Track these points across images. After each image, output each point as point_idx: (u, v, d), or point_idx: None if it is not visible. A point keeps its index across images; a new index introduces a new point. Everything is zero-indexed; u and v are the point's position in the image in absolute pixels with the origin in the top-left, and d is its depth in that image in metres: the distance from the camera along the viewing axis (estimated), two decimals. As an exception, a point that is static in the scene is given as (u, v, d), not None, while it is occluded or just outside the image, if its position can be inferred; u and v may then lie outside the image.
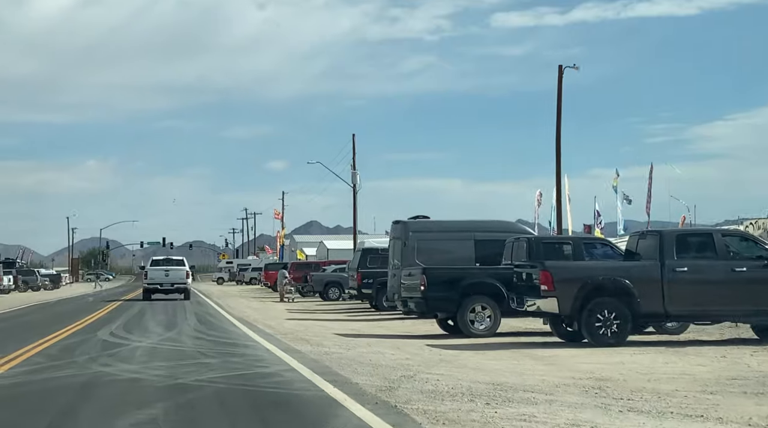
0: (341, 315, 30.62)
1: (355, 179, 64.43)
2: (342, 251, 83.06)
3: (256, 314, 30.74)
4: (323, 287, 41.99)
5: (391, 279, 28.47)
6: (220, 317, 29.35)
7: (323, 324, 25.52)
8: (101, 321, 26.73)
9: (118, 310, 34.50)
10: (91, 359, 15.29)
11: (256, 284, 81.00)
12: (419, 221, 28.11)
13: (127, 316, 29.56)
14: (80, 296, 54.67)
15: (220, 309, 34.55)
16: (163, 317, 28.86)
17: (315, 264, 49.76)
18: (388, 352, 16.53)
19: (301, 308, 36.60)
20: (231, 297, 48.95)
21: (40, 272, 76.65)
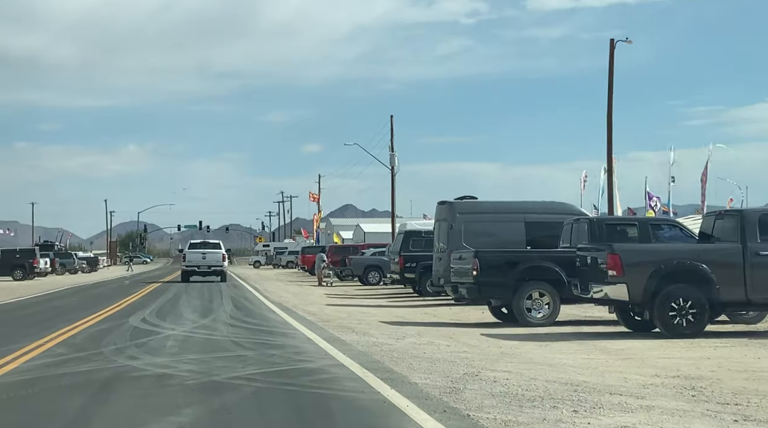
0: (383, 301, 29.04)
1: (393, 160, 62.73)
2: (379, 235, 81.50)
3: (294, 299, 29.25)
4: (363, 271, 40.42)
5: (436, 263, 26.84)
6: (257, 302, 27.89)
7: (366, 311, 23.94)
8: (134, 306, 25.36)
9: (153, 294, 33.18)
10: (117, 350, 13.80)
11: (293, 267, 79.70)
12: (466, 201, 26.41)
13: (162, 301, 28.18)
14: (116, 279, 53.62)
15: (257, 294, 33.11)
16: (198, 302, 27.45)
17: (353, 247, 48.19)
18: (442, 343, 14.90)
19: (340, 292, 35.08)
20: (268, 281, 47.58)
21: (78, 255, 75.83)
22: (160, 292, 34.54)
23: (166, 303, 26.73)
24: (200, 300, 28.27)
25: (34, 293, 36.08)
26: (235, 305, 25.55)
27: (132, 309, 23.78)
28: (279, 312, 22.78)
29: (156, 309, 23.67)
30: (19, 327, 18.92)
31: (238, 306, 25.12)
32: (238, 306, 25.14)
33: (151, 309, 23.62)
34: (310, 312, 22.91)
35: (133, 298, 30.14)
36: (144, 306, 25.00)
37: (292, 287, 39.69)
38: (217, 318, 20.42)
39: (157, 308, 24.03)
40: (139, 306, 25.12)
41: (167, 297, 30.37)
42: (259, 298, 30.08)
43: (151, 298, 29.94)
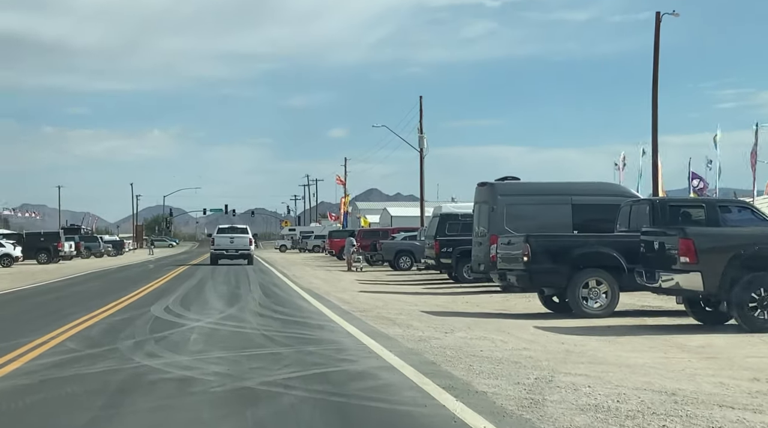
0: (418, 287, 27.41)
1: (422, 142, 61.04)
2: (405, 219, 79.77)
3: (325, 286, 27.68)
4: (394, 256, 38.80)
5: (476, 248, 25.17)
6: (287, 288, 26.33)
7: (402, 298, 22.31)
8: (157, 293, 23.87)
9: (177, 279, 31.73)
10: (135, 345, 12.24)
11: (319, 251, 78.25)
12: (509, 183, 24.70)
13: (187, 287, 26.69)
14: (141, 263, 52.34)
15: (286, 279, 31.58)
16: (225, 288, 25.93)
17: (382, 231, 46.55)
18: (496, 338, 13.24)
19: (371, 278, 33.47)
20: (295, 266, 46.08)
21: (103, 239, 74.75)
22: (185, 277, 33.09)
23: (191, 290, 25.23)
24: (227, 286, 26.76)
25: (56, 278, 34.76)
26: (263, 292, 24.00)
27: (155, 296, 22.28)
28: (311, 300, 21.21)
29: (180, 296, 22.16)
30: (32, 317, 17.41)
31: (267, 293, 23.57)
32: (267, 293, 23.58)
33: (175, 296, 22.11)
34: (344, 300, 21.31)
35: (156, 283, 28.68)
36: (168, 293, 23.50)
37: (321, 273, 38.15)
38: (246, 307, 18.86)
39: (182, 296, 22.52)
40: (162, 293, 23.62)
41: (192, 283, 28.89)
42: (288, 284, 28.53)
43: (175, 283, 28.47)
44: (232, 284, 28.21)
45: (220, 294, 23.11)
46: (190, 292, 24.09)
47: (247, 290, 24.79)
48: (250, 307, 18.83)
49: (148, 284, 28.29)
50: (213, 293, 23.35)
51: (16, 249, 50.95)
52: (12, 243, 51.74)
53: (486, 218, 24.28)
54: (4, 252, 50.06)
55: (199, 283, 28.76)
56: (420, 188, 61.39)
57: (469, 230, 29.07)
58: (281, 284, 28.26)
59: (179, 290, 24.97)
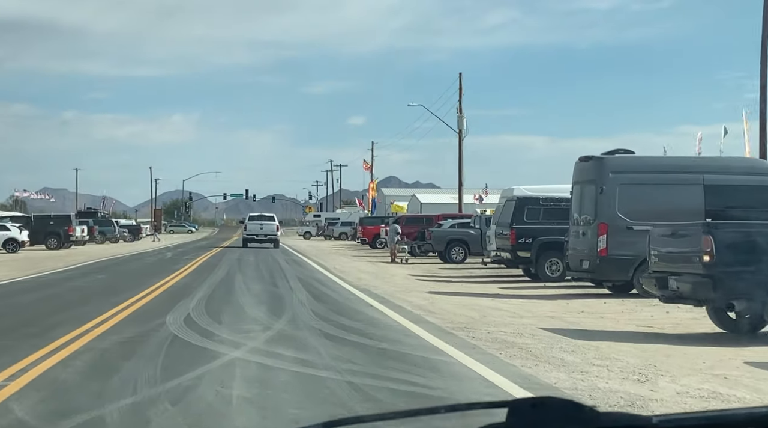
0: (493, 287, 21.83)
1: (462, 123, 55.26)
2: (436, 206, 74.12)
3: (381, 283, 22.12)
4: (445, 247, 33.23)
5: (574, 240, 19.55)
6: (336, 286, 20.80)
7: (492, 304, 16.77)
8: (175, 292, 18.38)
9: (199, 271, 26.27)
10: (131, 412, 6.73)
11: (346, 239, 72.80)
12: (622, 156, 19.06)
13: (212, 283, 21.21)
14: (158, 250, 46.94)
15: (328, 273, 26.05)
16: (259, 285, 20.42)
17: (426, 218, 40.99)
18: (736, 394, 7.70)
19: (423, 272, 27.93)
20: (330, 256, 40.51)
21: (119, 223, 69.36)
22: (208, 269, 27.64)
23: (217, 287, 19.74)
24: (261, 283, 21.27)
25: (60, 267, 29.36)
26: (310, 292, 18.50)
27: (172, 297, 16.79)
28: (379, 307, 15.66)
29: (205, 298, 16.65)
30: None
31: (315, 294, 18.05)
32: (316, 294, 18.06)
33: (199, 298, 16.61)
34: (422, 307, 15.77)
35: (175, 277, 23.20)
36: (189, 292, 17.99)
37: (363, 264, 32.59)
38: (297, 318, 13.33)
39: (206, 297, 17.01)
40: (182, 292, 18.10)
41: (218, 277, 23.41)
42: (334, 280, 23.01)
43: (197, 278, 22.99)
44: (266, 279, 22.73)
45: (256, 295, 17.62)
46: (217, 292, 18.60)
47: (288, 289, 19.30)
48: (303, 319, 13.29)
49: (165, 278, 22.78)
50: (247, 294, 17.85)
51: (22, 233, 45.58)
52: (18, 227, 46.37)
53: (591, 202, 18.70)
54: (8, 237, 44.67)
55: (226, 278, 23.27)
56: (459, 173, 55.68)
57: (552, 217, 23.56)
58: (326, 281, 22.75)
59: (203, 287, 19.49)
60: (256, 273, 25.21)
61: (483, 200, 68.92)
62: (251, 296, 17.44)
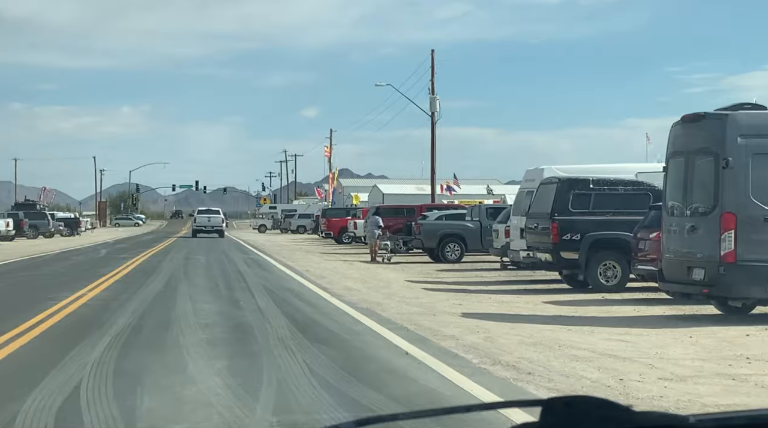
0: (535, 301, 15.40)
1: (435, 105, 48.93)
2: (399, 197, 67.62)
3: (382, 298, 15.51)
4: (438, 243, 26.77)
5: (672, 238, 13.17)
6: (324, 305, 14.14)
7: (584, 342, 10.32)
8: (76, 324, 11.54)
9: (131, 279, 19.49)
10: None
11: (304, 232, 66.01)
12: (756, 113, 12.68)
13: (142, 300, 14.44)
14: (93, 247, 39.75)
15: (303, 280, 19.36)
16: (213, 305, 13.69)
17: (407, 209, 34.49)
18: None
19: (424, 276, 21.45)
20: (295, 253, 33.70)
21: (55, 216, 61.65)
22: (144, 274, 20.82)
23: (148, 312, 12.96)
24: (215, 300, 14.53)
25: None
26: (290, 318, 11.85)
27: (64, 339, 9.95)
28: (419, 354, 9.02)
29: (120, 340, 9.87)
30: None
31: (299, 323, 11.37)
32: (301, 323, 11.38)
33: (110, 340, 9.83)
34: (478, 349, 9.32)
35: (92, 290, 16.35)
36: (98, 324, 11.21)
37: (340, 265, 25.96)
38: (290, 400, 6.76)
39: (124, 336, 10.22)
40: (86, 325, 11.28)
41: (154, 289, 16.61)
42: (315, 292, 16.34)
43: (123, 291, 16.19)
44: (222, 293, 16.01)
45: (209, 329, 10.91)
46: (147, 320, 11.85)
47: (257, 313, 12.65)
48: (303, 401, 6.69)
49: (75, 293, 15.84)
50: (193, 328, 11.08)
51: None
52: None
53: (707, 182, 12.37)
54: None
55: (165, 290, 16.47)
56: (431, 160, 49.30)
57: (606, 206, 17.26)
58: (306, 294, 16.09)
59: (126, 312, 12.70)
60: (207, 282, 18.49)
61: (453, 191, 62.82)
62: (201, 330, 10.72)
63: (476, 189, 72.25)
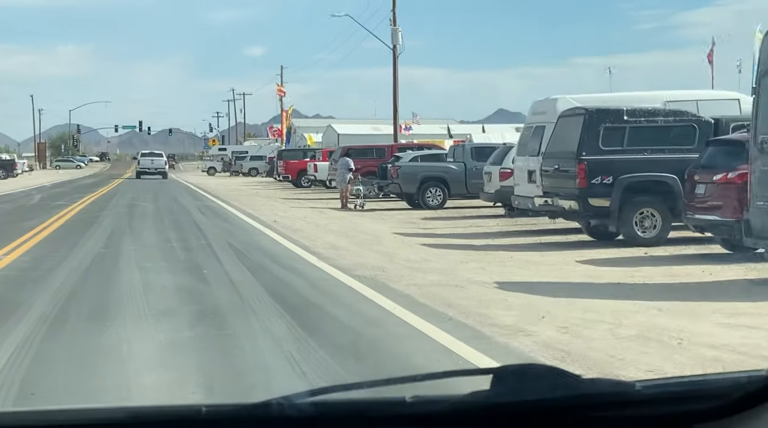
0: (566, 259, 12.32)
1: (397, 37, 45.20)
2: (355, 137, 63.84)
3: (380, 259, 12.25)
4: (418, 187, 23.47)
5: (761, 180, 10.11)
6: (310, 271, 10.81)
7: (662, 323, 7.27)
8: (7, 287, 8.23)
9: (68, 231, 15.91)
10: None
11: (256, 175, 62.21)
12: None
13: (82, 257, 11.05)
14: (28, 191, 35.65)
15: (274, 234, 15.90)
16: (168, 268, 10.30)
17: (377, 149, 30.99)
18: None
19: (411, 226, 18.21)
20: (255, 200, 30.04)
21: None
22: (80, 227, 17.19)
23: (86, 277, 9.58)
24: (171, 264, 11.06)
25: None
26: (280, 300, 8.47)
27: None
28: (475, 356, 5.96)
29: (46, 324, 6.61)
30: None
31: (295, 308, 8.03)
32: (298, 308, 8.05)
33: (32, 324, 6.57)
34: (563, 349, 6.13)
35: (15, 250, 12.76)
36: (18, 300, 7.88)
37: (307, 213, 22.56)
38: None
39: (51, 320, 6.94)
40: (2, 300, 7.99)
41: (92, 249, 13.06)
42: (297, 254, 12.92)
43: (57, 249, 12.67)
44: (177, 253, 12.54)
45: (168, 317, 7.53)
46: (80, 295, 8.47)
47: (228, 284, 9.33)
48: None
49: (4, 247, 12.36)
50: (144, 310, 7.73)
51: None
52: None
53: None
54: None
55: (106, 250, 12.95)
56: (393, 97, 45.75)
57: (640, 143, 14.11)
58: (284, 255, 12.68)
59: (52, 284, 9.27)
60: (158, 238, 14.99)
61: (411, 130, 59.53)
62: (155, 325, 7.31)
63: (433, 129, 68.93)
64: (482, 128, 63.48)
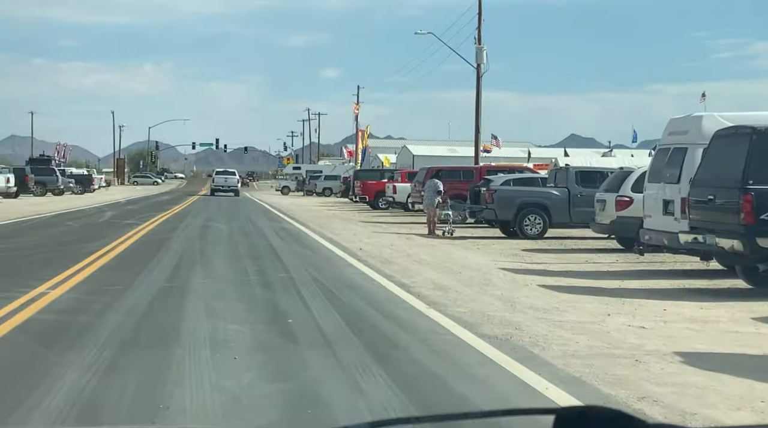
0: (722, 310, 9.60)
1: (481, 56, 42.74)
2: (431, 158, 61.37)
3: (509, 312, 9.66)
4: (515, 214, 20.86)
5: None
6: (424, 324, 8.28)
7: None
8: (27, 349, 5.95)
9: (131, 258, 13.75)
10: None
11: (330, 195, 60.19)
12: None
13: (141, 294, 8.79)
14: (100, 208, 34.03)
15: (362, 266, 13.41)
16: (244, 313, 7.88)
17: (465, 171, 28.35)
18: None
19: (514, 259, 15.61)
20: (332, 222, 27.75)
21: (66, 172, 55.89)
22: (147, 250, 15.03)
23: (142, 325, 7.28)
24: (248, 306, 8.65)
25: None
26: (400, 381, 6.06)
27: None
28: None
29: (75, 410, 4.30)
30: None
31: (428, 398, 5.64)
32: (432, 400, 5.66)
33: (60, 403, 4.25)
34: None
35: (65, 282, 10.56)
36: (50, 363, 5.59)
37: (394, 240, 20.07)
38: None
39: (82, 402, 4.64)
40: (31, 362, 5.70)
41: (157, 280, 10.81)
42: (397, 295, 10.39)
43: (113, 283, 10.44)
44: (255, 291, 10.16)
45: (244, 403, 5.20)
46: (131, 354, 6.13)
47: (323, 346, 6.91)
48: None
49: (29, 292, 10.10)
50: (210, 383, 5.39)
51: None
52: None
53: None
54: None
55: (171, 284, 10.62)
56: (476, 116, 43.16)
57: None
58: (382, 297, 10.21)
59: (97, 337, 6.98)
60: (232, 269, 12.68)
61: (491, 152, 56.84)
62: (222, 406, 4.94)
63: (512, 152, 66.18)
64: (564, 151, 60.63)
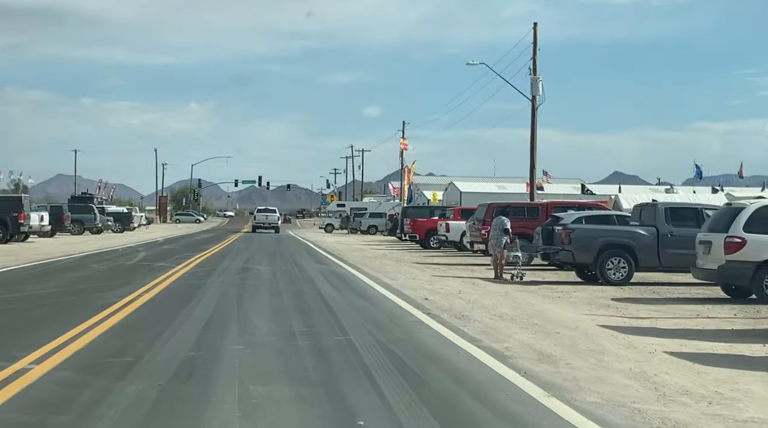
0: None
1: (537, 87, 40.24)
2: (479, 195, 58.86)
3: (634, 386, 7.07)
4: (595, 257, 18.19)
5: None
6: (555, 424, 5.84)
7: None
8: None
9: (154, 313, 11.34)
10: None
11: (375, 233, 57.78)
12: None
13: (155, 373, 6.32)
14: (135, 247, 31.90)
15: (433, 322, 10.81)
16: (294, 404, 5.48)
17: (529, 208, 25.71)
18: None
19: (614, 314, 12.98)
20: (384, 263, 25.19)
21: (105, 210, 54.11)
22: (176, 303, 12.65)
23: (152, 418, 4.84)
24: (297, 395, 6.25)
25: None
26: None
27: None
28: None
29: None
30: None
31: None
32: None
33: None
34: None
35: (62, 349, 8.15)
36: None
37: (459, 286, 17.43)
38: None
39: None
40: None
41: (180, 349, 8.33)
42: (493, 369, 7.77)
43: (122, 352, 8.03)
44: (306, 362, 7.60)
45: None
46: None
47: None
48: None
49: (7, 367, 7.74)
50: None
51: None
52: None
53: None
54: None
55: (196, 355, 8.14)
56: (531, 150, 40.57)
57: None
58: (474, 374, 7.58)
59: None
60: (275, 326, 10.17)
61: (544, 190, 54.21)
62: None
63: (564, 188, 63.39)
64: (619, 187, 57.73)
